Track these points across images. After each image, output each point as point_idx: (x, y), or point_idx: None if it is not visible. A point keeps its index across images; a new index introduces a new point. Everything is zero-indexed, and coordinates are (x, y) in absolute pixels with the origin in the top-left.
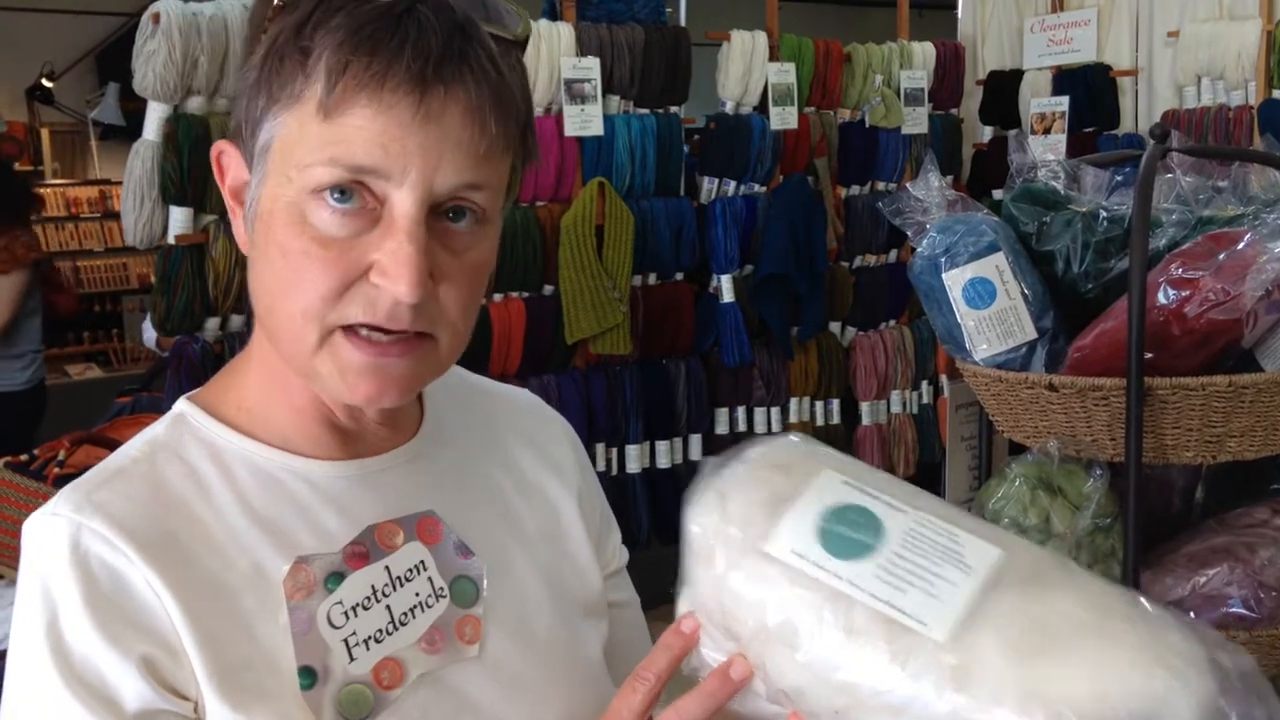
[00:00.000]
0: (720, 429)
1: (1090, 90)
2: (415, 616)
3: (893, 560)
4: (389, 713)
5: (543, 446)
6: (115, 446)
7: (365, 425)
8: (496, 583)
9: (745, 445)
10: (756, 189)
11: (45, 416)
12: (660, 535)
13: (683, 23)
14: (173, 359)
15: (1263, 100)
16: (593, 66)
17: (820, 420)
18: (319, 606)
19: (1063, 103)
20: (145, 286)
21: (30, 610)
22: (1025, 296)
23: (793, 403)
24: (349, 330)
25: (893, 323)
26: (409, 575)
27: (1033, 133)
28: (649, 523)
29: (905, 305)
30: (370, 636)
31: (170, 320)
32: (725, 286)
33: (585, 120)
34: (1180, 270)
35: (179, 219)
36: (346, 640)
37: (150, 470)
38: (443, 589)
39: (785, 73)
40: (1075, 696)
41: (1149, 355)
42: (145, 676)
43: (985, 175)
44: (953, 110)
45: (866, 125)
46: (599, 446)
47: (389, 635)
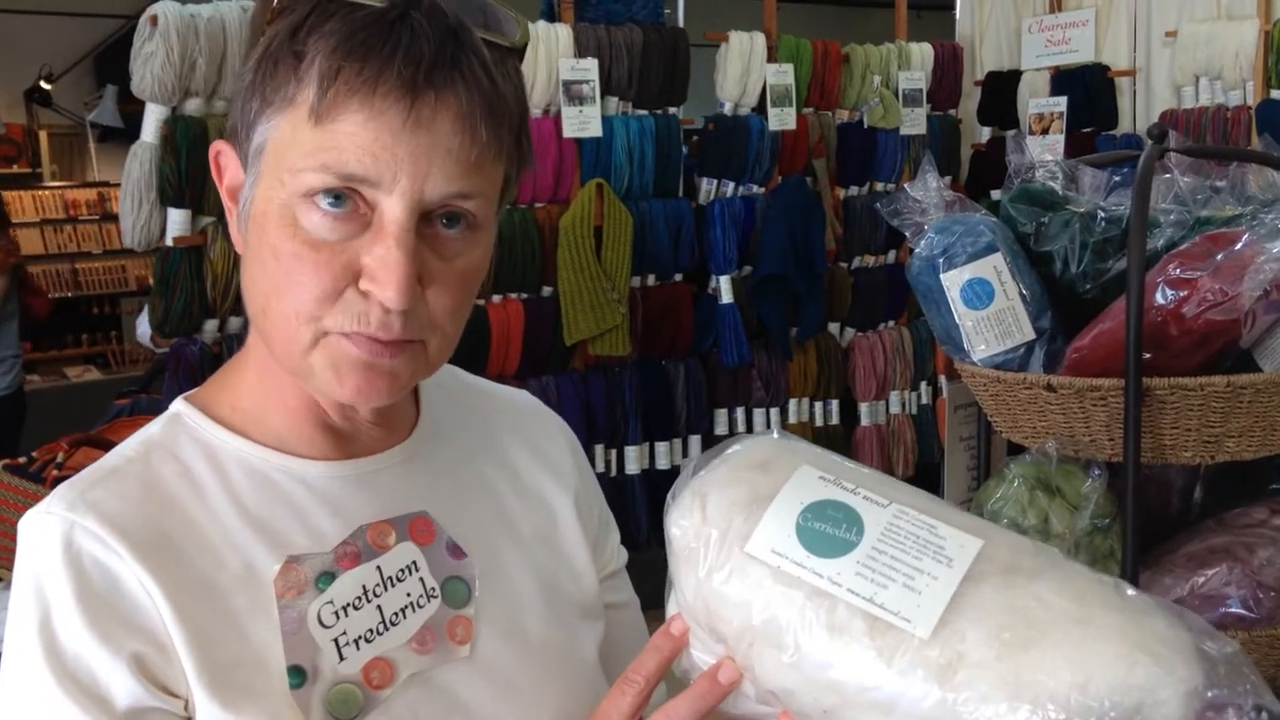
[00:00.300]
0: (719, 430)
1: (1088, 90)
2: (406, 617)
3: (872, 555)
4: (379, 712)
5: (540, 447)
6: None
7: (359, 425)
8: (489, 583)
9: (724, 444)
10: (755, 190)
11: (27, 422)
12: (659, 536)
13: (681, 24)
14: (171, 361)
15: (1260, 100)
16: (591, 68)
17: (819, 421)
18: (309, 606)
19: (1061, 103)
20: (144, 288)
21: (23, 607)
22: (1023, 297)
23: (792, 403)
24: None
25: (891, 323)
26: (400, 575)
27: (1031, 133)
28: (648, 524)
29: (904, 306)
30: (360, 636)
31: (168, 322)
32: (724, 287)
33: (583, 121)
34: (1178, 270)
35: (177, 221)
36: (336, 640)
37: (144, 469)
38: (434, 589)
39: (783, 74)
40: (1060, 688)
41: (1147, 355)
42: (136, 674)
43: (983, 176)
44: (951, 111)
45: (865, 126)
46: (598, 448)
47: (379, 635)
